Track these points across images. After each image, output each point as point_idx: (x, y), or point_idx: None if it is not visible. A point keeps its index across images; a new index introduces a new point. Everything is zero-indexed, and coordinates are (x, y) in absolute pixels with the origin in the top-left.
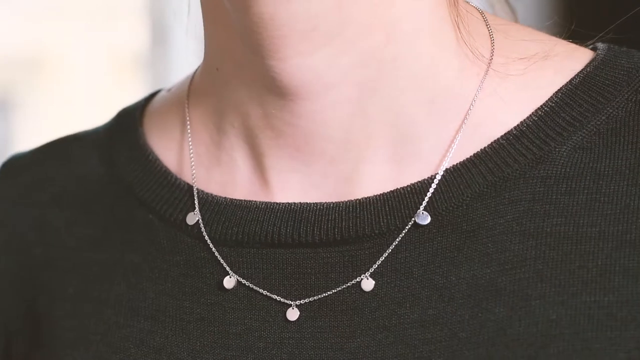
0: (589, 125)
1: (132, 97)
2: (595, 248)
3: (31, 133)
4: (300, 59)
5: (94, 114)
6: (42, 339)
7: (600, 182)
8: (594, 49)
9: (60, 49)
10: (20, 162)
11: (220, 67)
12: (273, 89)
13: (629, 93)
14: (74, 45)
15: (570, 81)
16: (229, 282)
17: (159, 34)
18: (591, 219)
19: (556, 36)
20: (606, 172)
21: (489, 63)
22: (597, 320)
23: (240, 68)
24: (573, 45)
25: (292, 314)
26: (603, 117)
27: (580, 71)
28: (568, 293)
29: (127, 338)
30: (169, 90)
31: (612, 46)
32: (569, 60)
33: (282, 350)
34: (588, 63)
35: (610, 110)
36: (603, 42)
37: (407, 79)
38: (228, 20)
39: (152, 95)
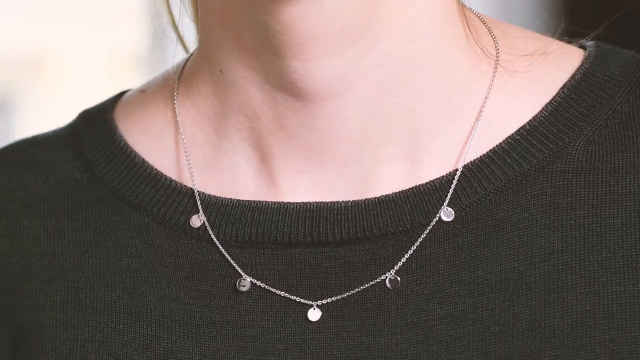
0: (597, 120)
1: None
2: (619, 239)
3: (31, 133)
4: (326, 60)
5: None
6: (30, 352)
7: (617, 175)
8: (582, 47)
9: (60, 49)
10: None
11: (225, 69)
12: (291, 90)
13: (628, 88)
14: (74, 45)
15: (572, 77)
16: (243, 284)
17: (159, 34)
18: (612, 210)
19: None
20: (621, 166)
21: (497, 60)
22: (630, 309)
23: (250, 69)
24: (563, 43)
25: (314, 315)
26: (609, 112)
27: (579, 67)
28: (599, 284)
29: (129, 344)
30: (142, 91)
31: (599, 43)
32: (565, 56)
33: (305, 352)
34: (584, 59)
35: (615, 105)
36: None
37: (424, 77)
38: (238, 22)
39: (118, 97)
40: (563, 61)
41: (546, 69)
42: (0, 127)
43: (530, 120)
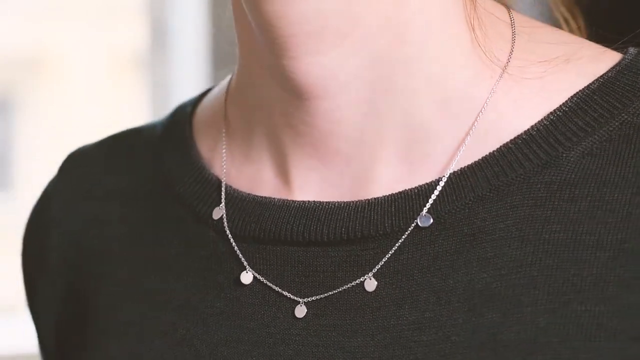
0: (600, 131)
1: (132, 97)
2: (591, 256)
3: (31, 133)
4: (312, 58)
5: (94, 114)
6: (85, 327)
7: (604, 190)
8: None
9: (60, 49)
10: (81, 157)
11: (248, 66)
12: (290, 88)
13: None
14: (74, 45)
15: (588, 85)
16: (246, 277)
17: (159, 34)
18: (591, 226)
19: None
20: (611, 180)
21: (505, 66)
22: (587, 330)
23: (262, 67)
24: (602, 49)
25: (300, 311)
26: (616, 123)
27: (602, 75)
28: (560, 301)
29: (154, 330)
30: (219, 85)
31: None
32: (593, 63)
33: (288, 347)
34: (612, 67)
35: (625, 117)
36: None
37: (419, 80)
38: (247, 21)
39: (210, 89)
40: (587, 68)
41: (563, 76)
42: (0, 127)
43: (528, 129)
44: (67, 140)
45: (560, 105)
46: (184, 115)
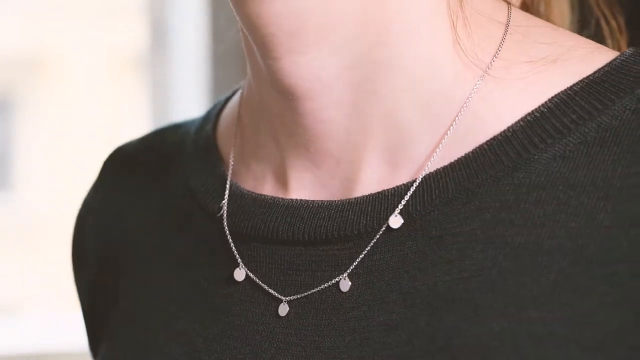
0: (576, 133)
1: (132, 97)
2: (550, 262)
3: (31, 133)
4: (293, 58)
5: (94, 113)
6: (105, 319)
7: (571, 193)
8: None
9: (60, 49)
10: (122, 152)
11: (251, 67)
12: (278, 89)
13: (629, 101)
14: (74, 45)
15: (571, 86)
16: (238, 274)
17: (159, 34)
18: (553, 231)
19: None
20: (579, 184)
21: (488, 67)
22: (538, 337)
23: (259, 68)
24: (598, 49)
25: (283, 310)
26: (593, 125)
27: (587, 76)
28: (515, 306)
29: (159, 321)
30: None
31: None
32: (581, 64)
33: (271, 345)
34: (600, 68)
35: (604, 119)
36: None
37: (400, 82)
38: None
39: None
40: (575, 68)
41: (546, 76)
42: (0, 127)
43: (504, 130)
44: (67, 140)
45: (539, 106)
46: (214, 113)
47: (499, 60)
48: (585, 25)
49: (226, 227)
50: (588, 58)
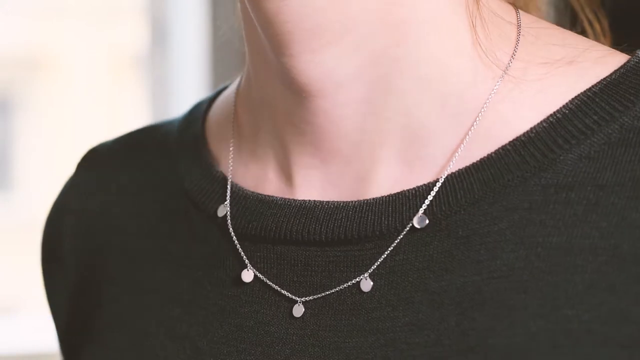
0: (599, 134)
1: (132, 97)
2: (584, 261)
3: (31, 133)
4: (309, 56)
5: (94, 114)
6: (93, 319)
7: (600, 194)
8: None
9: (60, 49)
10: (99, 152)
11: (255, 65)
12: (290, 86)
13: None
14: (74, 45)
15: (590, 88)
16: (247, 275)
17: (159, 34)
18: (585, 231)
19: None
20: (607, 184)
21: (507, 67)
22: (576, 336)
23: (267, 66)
24: (609, 51)
25: (298, 311)
26: (616, 126)
27: (604, 78)
28: (550, 306)
29: (161, 324)
30: (233, 83)
31: None
32: (597, 66)
33: (285, 346)
34: (616, 70)
35: (626, 120)
36: None
37: (418, 80)
38: (250, 18)
39: (226, 87)
40: (591, 70)
41: (565, 78)
42: (0, 127)
43: (527, 131)
44: (67, 140)
45: (560, 108)
46: (198, 113)
47: (516, 62)
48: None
49: (231, 229)
50: (602, 60)
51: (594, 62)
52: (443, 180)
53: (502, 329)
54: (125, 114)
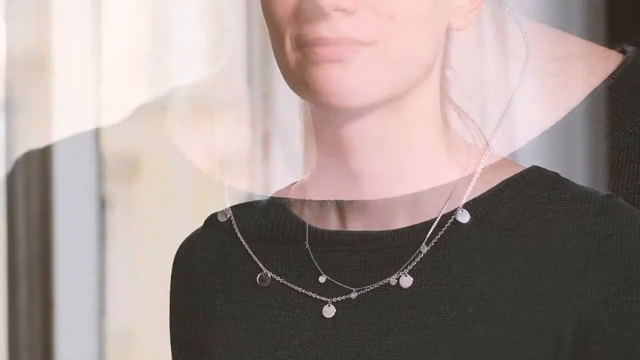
0: (624, 126)
1: (132, 97)
2: (636, 247)
3: (32, 134)
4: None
5: (94, 114)
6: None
7: (638, 183)
8: (622, 52)
9: (60, 49)
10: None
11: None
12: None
13: None
14: (74, 45)
15: (604, 82)
16: (263, 279)
17: (159, 34)
18: (630, 218)
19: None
20: None
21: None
22: (639, 319)
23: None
24: (603, 48)
25: (329, 312)
26: (638, 119)
27: (613, 73)
28: (610, 292)
29: (193, 334)
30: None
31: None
32: (602, 62)
33: (317, 348)
34: (620, 65)
35: None
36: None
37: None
38: None
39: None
40: (599, 66)
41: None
42: (1, 127)
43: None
44: (66, 140)
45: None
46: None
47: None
48: None
49: (238, 233)
50: (606, 56)
51: (599, 58)
52: (478, 174)
53: (564, 316)
54: (125, 113)
